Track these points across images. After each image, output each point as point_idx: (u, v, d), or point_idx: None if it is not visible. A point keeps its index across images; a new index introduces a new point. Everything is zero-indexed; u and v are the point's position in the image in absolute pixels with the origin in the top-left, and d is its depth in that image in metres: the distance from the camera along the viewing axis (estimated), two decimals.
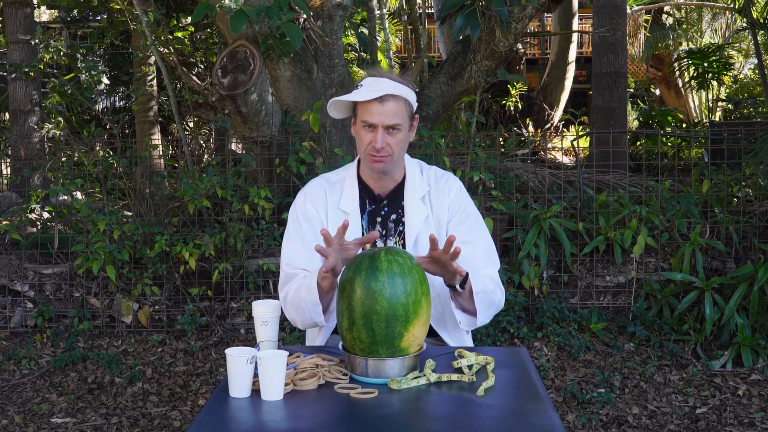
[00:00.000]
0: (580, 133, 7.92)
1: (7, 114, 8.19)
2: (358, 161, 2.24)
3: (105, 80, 6.50)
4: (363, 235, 2.18)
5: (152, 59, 6.46)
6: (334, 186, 2.23)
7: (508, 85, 10.42)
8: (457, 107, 7.35)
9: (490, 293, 2.11)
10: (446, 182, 2.24)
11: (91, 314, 4.48)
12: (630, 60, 11.98)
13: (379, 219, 2.20)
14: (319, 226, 2.15)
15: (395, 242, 2.19)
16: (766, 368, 3.92)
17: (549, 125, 10.55)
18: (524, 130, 9.54)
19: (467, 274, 2.01)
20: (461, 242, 2.19)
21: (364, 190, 2.22)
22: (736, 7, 7.59)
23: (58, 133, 6.70)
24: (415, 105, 2.14)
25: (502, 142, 6.19)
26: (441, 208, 2.21)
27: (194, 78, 5.08)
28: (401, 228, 2.20)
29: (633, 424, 3.46)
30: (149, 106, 7.05)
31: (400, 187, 2.22)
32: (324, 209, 2.19)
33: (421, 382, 1.75)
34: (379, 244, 2.20)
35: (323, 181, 2.25)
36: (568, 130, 10.54)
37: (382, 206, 2.21)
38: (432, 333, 2.18)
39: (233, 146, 6.81)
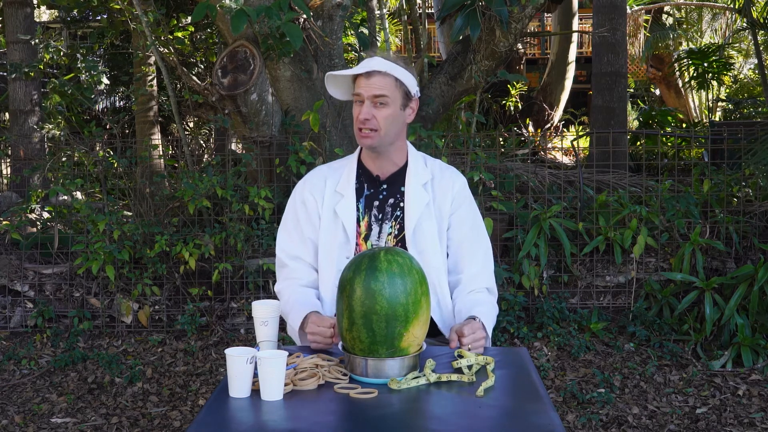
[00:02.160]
0: (580, 133, 7.91)
1: (7, 114, 8.19)
2: (361, 147, 2.26)
3: (105, 80, 6.50)
4: (358, 216, 2.20)
5: (152, 59, 6.46)
6: (335, 172, 2.27)
7: (508, 85, 10.42)
8: (457, 107, 7.34)
9: (494, 316, 2.17)
10: (451, 175, 2.27)
11: (91, 314, 4.48)
12: (630, 60, 11.98)
13: (376, 203, 2.21)
14: (315, 214, 2.20)
15: (391, 226, 2.19)
16: (766, 368, 3.92)
17: (549, 125, 10.55)
18: (524, 130, 9.53)
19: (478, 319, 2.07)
20: (461, 242, 2.21)
21: (364, 174, 2.24)
22: (736, 7, 7.59)
23: (58, 133, 6.70)
24: (411, 87, 2.16)
25: (502, 142, 6.19)
26: (444, 197, 2.22)
27: (194, 78, 5.08)
28: (399, 213, 2.20)
29: (633, 424, 3.46)
30: (149, 106, 7.05)
31: (401, 172, 2.23)
32: (321, 194, 2.23)
33: (421, 382, 1.75)
34: (375, 227, 2.20)
35: (325, 167, 2.31)
36: (568, 130, 10.54)
37: (381, 190, 2.22)
38: (432, 333, 2.18)
39: (233, 146, 6.80)
